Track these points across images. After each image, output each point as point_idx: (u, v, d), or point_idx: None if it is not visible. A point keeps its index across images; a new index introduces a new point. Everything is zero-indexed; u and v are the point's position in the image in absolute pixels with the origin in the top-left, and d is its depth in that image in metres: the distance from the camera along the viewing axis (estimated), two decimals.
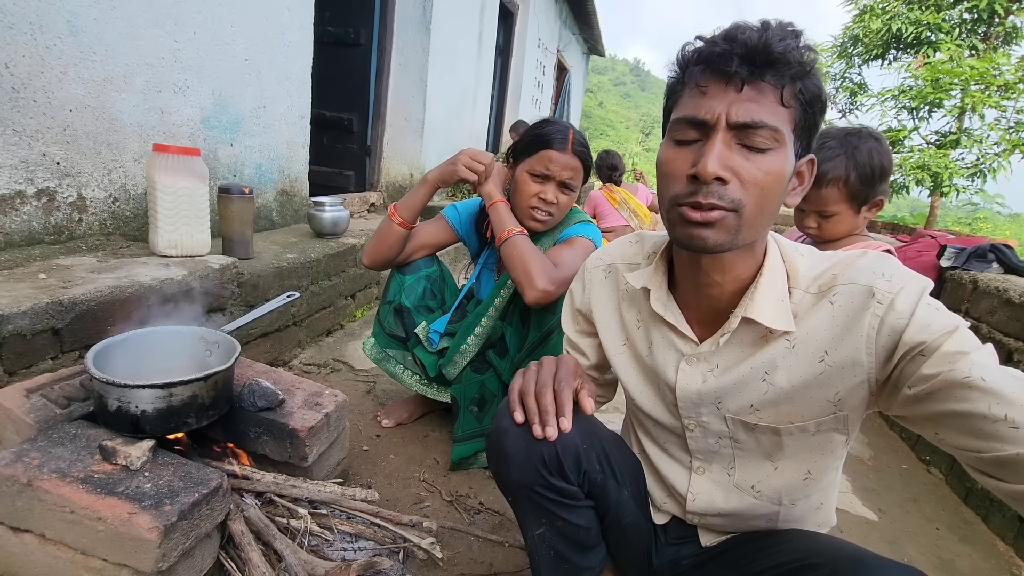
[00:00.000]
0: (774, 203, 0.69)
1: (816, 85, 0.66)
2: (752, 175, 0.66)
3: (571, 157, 1.40)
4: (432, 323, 1.57)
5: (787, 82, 0.65)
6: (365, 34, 3.59)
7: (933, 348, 0.62)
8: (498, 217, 1.40)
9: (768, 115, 0.65)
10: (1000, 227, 10.28)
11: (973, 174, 6.29)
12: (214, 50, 1.99)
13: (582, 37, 10.92)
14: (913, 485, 1.80)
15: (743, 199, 0.66)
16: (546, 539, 0.85)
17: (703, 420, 0.82)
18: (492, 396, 1.50)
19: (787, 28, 0.66)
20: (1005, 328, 1.89)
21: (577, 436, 0.80)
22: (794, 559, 0.74)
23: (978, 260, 2.27)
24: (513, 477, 0.80)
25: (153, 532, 0.80)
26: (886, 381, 0.68)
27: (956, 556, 1.46)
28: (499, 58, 6.44)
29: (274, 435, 1.17)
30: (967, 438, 0.60)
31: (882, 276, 0.68)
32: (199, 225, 1.63)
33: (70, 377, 1.11)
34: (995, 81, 5.81)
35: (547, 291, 1.29)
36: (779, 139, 0.66)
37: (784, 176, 0.68)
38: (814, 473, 0.80)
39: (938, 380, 0.60)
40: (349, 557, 1.06)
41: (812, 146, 0.71)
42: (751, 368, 0.76)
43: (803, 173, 0.72)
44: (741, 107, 0.65)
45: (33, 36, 1.42)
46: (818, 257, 0.77)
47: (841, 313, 0.70)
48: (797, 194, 0.73)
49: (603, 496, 0.87)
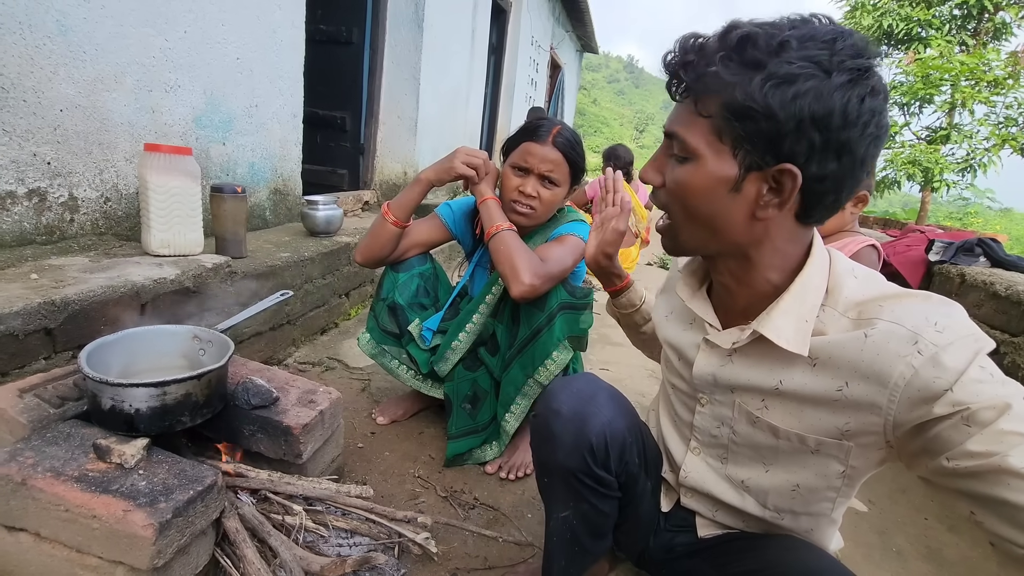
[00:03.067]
0: (703, 213, 0.69)
1: (748, 97, 0.60)
2: (669, 182, 0.71)
3: (550, 149, 1.38)
4: (425, 321, 1.57)
5: (700, 95, 0.65)
6: (357, 32, 3.58)
7: (984, 422, 0.55)
8: (488, 213, 1.40)
9: (680, 126, 0.67)
10: (991, 222, 10.36)
11: (963, 169, 6.34)
12: (205, 49, 1.99)
13: (575, 34, 10.92)
14: (902, 476, 1.82)
15: (669, 204, 0.72)
16: (568, 522, 0.87)
17: (715, 399, 0.83)
18: (484, 393, 1.51)
19: (726, 39, 0.62)
20: (992, 321, 1.92)
21: (627, 429, 0.83)
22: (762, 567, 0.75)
23: (965, 254, 2.30)
24: (559, 460, 0.82)
25: (148, 529, 0.80)
26: (912, 438, 0.62)
27: (944, 545, 1.48)
28: (492, 56, 6.44)
29: (268, 433, 1.17)
30: (1015, 530, 0.56)
31: (934, 326, 0.60)
32: (192, 224, 1.63)
33: (63, 377, 1.11)
34: (985, 77, 5.86)
35: (533, 285, 1.29)
36: (691, 150, 0.66)
37: (703, 186, 0.66)
38: (802, 489, 0.77)
39: (989, 462, 0.55)
40: (344, 553, 1.07)
41: (787, 154, 0.62)
42: (767, 372, 0.74)
43: (783, 183, 0.63)
44: (670, 117, 0.71)
45: (22, 35, 1.42)
46: (874, 282, 0.70)
47: (872, 350, 0.63)
48: (771, 207, 0.65)
49: (632, 487, 0.89)
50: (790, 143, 0.61)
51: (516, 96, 7.44)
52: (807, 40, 0.60)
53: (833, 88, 0.58)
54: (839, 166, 0.62)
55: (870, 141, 0.62)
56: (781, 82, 0.59)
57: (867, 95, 0.59)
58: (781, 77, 0.59)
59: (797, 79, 0.59)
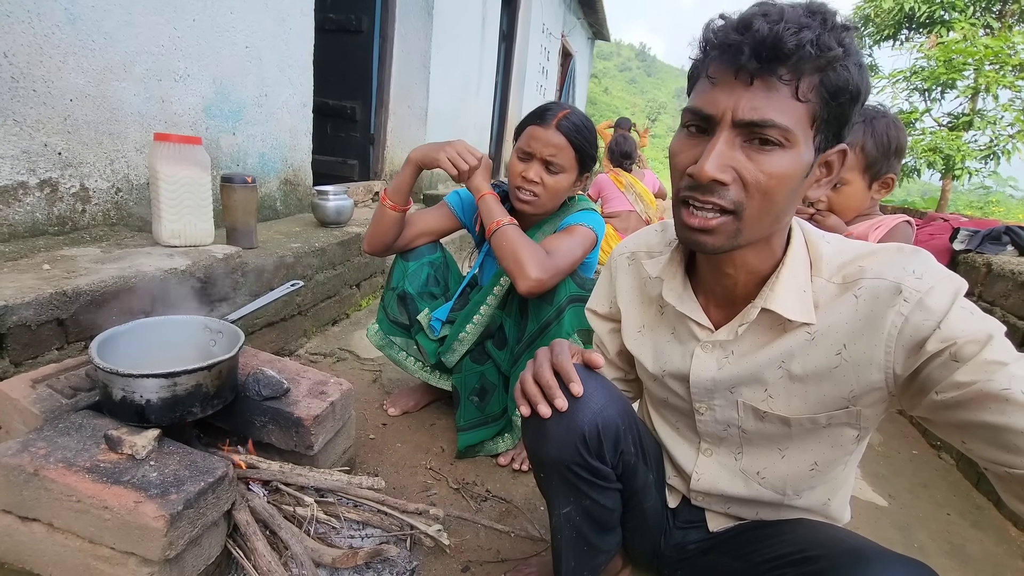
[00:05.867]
0: (781, 204, 0.66)
1: (843, 75, 0.61)
2: (755, 177, 0.63)
3: (553, 133, 1.33)
4: (434, 311, 1.56)
5: (803, 76, 0.61)
6: (367, 21, 3.55)
7: (967, 355, 0.59)
8: (487, 209, 1.35)
9: (777, 112, 0.61)
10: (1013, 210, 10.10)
11: (986, 156, 6.16)
12: (214, 37, 1.97)
13: (587, 22, 10.77)
14: (923, 471, 1.78)
15: (743, 201, 0.65)
16: (572, 518, 0.85)
17: (715, 405, 0.83)
18: (492, 387, 1.49)
19: (812, 12, 0.61)
20: (1020, 311, 1.86)
21: (618, 416, 0.80)
22: (795, 551, 0.74)
23: (992, 242, 2.23)
24: (551, 454, 0.79)
25: (159, 520, 0.80)
26: (909, 383, 0.66)
27: (967, 542, 1.44)
28: (503, 44, 6.36)
29: (279, 424, 1.16)
30: (999, 452, 0.58)
31: (912, 273, 0.64)
32: (202, 215, 1.62)
33: (75, 367, 1.11)
34: (1010, 60, 5.67)
35: (540, 280, 1.24)
36: (789, 138, 0.62)
37: (793, 176, 0.64)
38: (820, 465, 0.80)
39: (972, 389, 0.58)
40: (356, 544, 1.06)
41: (844, 135, 0.66)
42: (768, 357, 0.75)
43: (832, 163, 0.68)
44: (749, 103, 0.62)
45: (31, 24, 1.41)
46: (846, 244, 0.74)
47: (864, 308, 0.67)
48: (822, 186, 0.70)
49: (632, 479, 0.87)
50: (850, 123, 0.65)
51: (527, 85, 7.36)
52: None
53: (865, 69, 0.64)
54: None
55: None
56: (861, 64, 0.62)
57: None
58: (859, 59, 0.62)
59: (862, 60, 0.63)
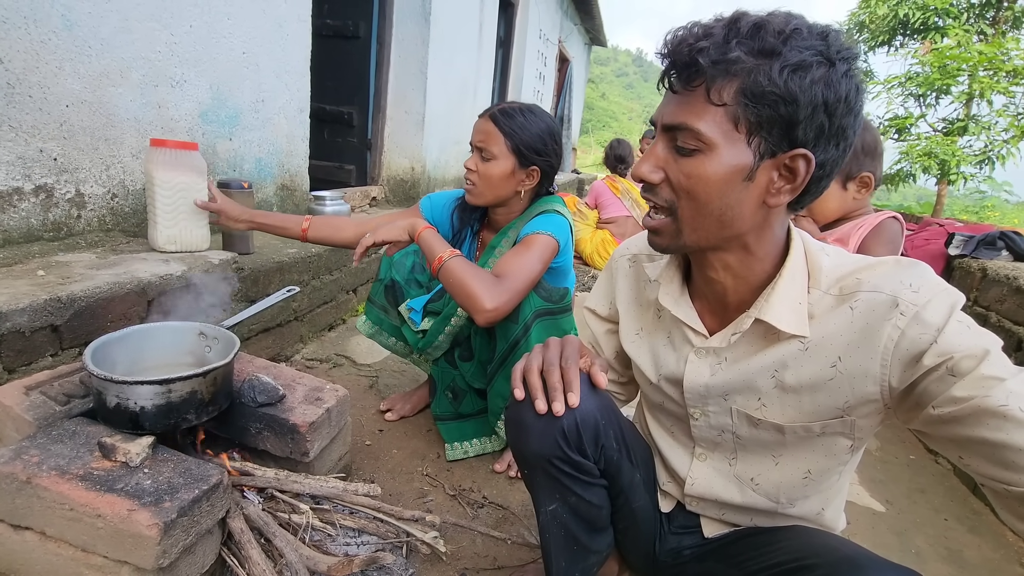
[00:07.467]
0: (713, 206, 0.67)
1: (759, 79, 0.61)
2: (676, 177, 0.68)
3: (484, 121, 1.36)
4: (411, 301, 1.56)
5: (716, 81, 0.63)
6: (364, 26, 3.55)
7: (964, 369, 0.59)
8: (427, 246, 1.26)
9: (693, 117, 0.65)
10: (1008, 215, 10.15)
11: (981, 161, 6.20)
12: (211, 43, 1.97)
13: (584, 27, 10.82)
14: (921, 476, 1.78)
15: (674, 201, 0.69)
16: (558, 516, 0.85)
17: (709, 410, 0.83)
18: (463, 392, 1.54)
19: (731, 24, 0.63)
20: (1015, 316, 1.87)
21: (597, 410, 0.80)
22: (791, 558, 0.74)
23: (987, 248, 2.24)
24: (532, 448, 0.80)
25: (153, 529, 0.79)
26: (905, 396, 0.66)
27: (964, 547, 1.44)
28: (500, 49, 6.39)
29: (275, 431, 1.16)
30: (997, 468, 0.59)
31: (909, 287, 0.64)
32: (198, 220, 1.62)
33: (69, 374, 1.11)
34: (1004, 67, 5.71)
35: (496, 308, 1.17)
36: (704, 140, 0.65)
37: (716, 178, 0.65)
38: (814, 473, 0.80)
39: (969, 405, 0.58)
40: (352, 552, 1.06)
41: (801, 139, 0.64)
42: (760, 365, 0.75)
43: (796, 169, 0.65)
44: (669, 110, 0.68)
45: (27, 30, 1.41)
46: (845, 258, 0.74)
47: (860, 320, 0.67)
48: (784, 193, 0.67)
49: (617, 475, 0.87)
50: (804, 129, 0.63)
51: (524, 90, 7.38)
52: (807, 31, 0.63)
53: (839, 76, 0.62)
54: (837, 151, 0.66)
55: (857, 129, 0.67)
56: (797, 68, 0.61)
57: (858, 85, 0.64)
58: (797, 64, 0.61)
59: (811, 67, 0.61)
